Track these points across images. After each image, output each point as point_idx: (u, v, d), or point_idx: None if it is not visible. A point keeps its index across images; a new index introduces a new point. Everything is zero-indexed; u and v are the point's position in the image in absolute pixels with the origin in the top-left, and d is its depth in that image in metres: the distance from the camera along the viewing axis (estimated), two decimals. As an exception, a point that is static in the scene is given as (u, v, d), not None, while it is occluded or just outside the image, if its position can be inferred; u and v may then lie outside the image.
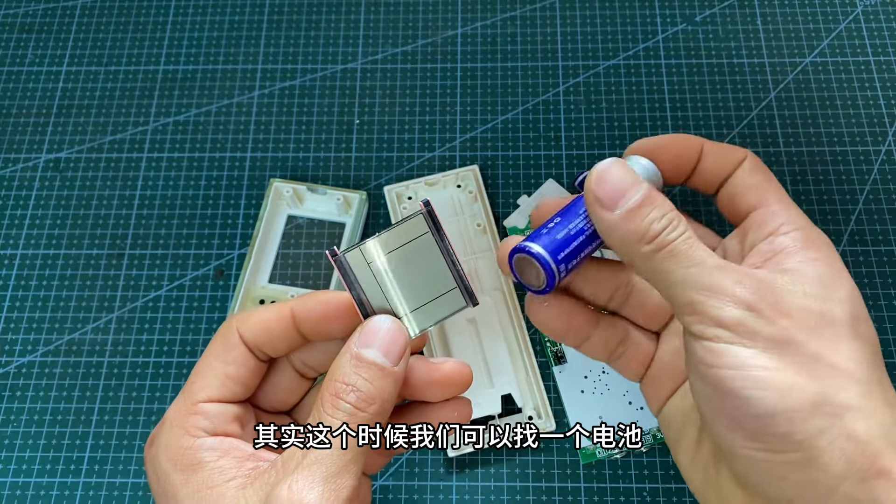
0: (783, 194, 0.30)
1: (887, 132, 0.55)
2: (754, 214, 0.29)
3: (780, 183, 0.31)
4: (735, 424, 0.25)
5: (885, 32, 0.58)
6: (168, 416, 0.28)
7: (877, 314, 0.49)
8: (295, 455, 0.25)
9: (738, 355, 0.24)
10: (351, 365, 0.26)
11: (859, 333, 0.26)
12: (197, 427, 0.27)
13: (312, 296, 0.29)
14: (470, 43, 0.59)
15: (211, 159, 0.55)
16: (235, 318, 0.29)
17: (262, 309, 0.29)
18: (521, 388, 0.47)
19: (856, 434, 0.23)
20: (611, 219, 0.27)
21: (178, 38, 0.60)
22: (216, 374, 0.28)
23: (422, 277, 0.28)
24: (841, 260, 0.28)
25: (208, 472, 0.25)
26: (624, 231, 0.27)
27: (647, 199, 0.27)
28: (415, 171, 0.54)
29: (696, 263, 0.26)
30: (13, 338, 0.50)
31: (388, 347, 0.27)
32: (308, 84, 0.58)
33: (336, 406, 0.26)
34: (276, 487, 0.24)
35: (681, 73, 0.57)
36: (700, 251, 0.26)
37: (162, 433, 0.27)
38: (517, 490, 0.45)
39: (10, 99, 0.58)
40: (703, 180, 0.32)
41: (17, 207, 0.54)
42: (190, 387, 0.28)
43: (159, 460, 0.26)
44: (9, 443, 0.47)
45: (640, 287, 0.32)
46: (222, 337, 0.29)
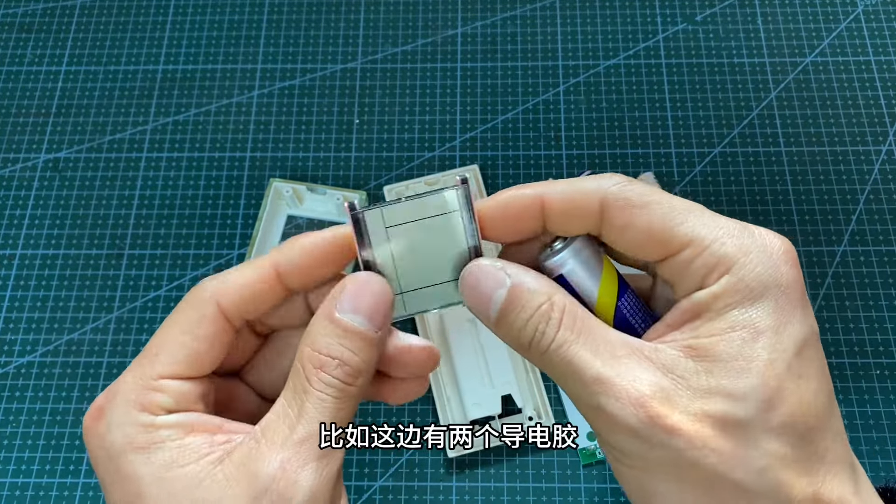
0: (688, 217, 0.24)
1: (888, 132, 0.55)
2: (668, 264, 0.24)
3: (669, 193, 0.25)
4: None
5: (886, 32, 0.58)
6: (120, 388, 0.24)
7: (877, 314, 0.49)
8: (279, 429, 0.23)
9: (636, 478, 0.23)
10: (334, 334, 0.24)
11: (770, 427, 0.22)
12: (157, 404, 0.24)
13: (293, 245, 0.25)
14: (470, 43, 0.59)
15: (210, 159, 0.55)
16: (210, 284, 0.25)
17: (238, 271, 0.25)
18: (522, 389, 0.47)
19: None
20: (490, 328, 0.25)
21: (177, 38, 0.60)
22: (185, 348, 0.25)
23: (434, 258, 0.25)
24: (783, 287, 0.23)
25: (175, 451, 0.23)
26: (504, 338, 0.25)
27: (508, 304, 0.24)
28: (415, 171, 0.54)
29: (576, 377, 0.23)
30: (12, 338, 0.50)
31: (373, 311, 0.24)
32: (308, 84, 0.58)
33: (322, 380, 0.24)
34: (261, 462, 0.23)
35: (681, 72, 0.57)
36: (578, 357, 0.23)
37: (114, 407, 0.24)
38: (517, 490, 0.45)
39: (9, 99, 0.58)
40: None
41: (17, 207, 0.54)
42: (150, 357, 0.25)
43: (111, 438, 0.24)
44: (8, 443, 0.47)
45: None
46: (195, 306, 0.25)
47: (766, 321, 0.23)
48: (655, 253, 0.24)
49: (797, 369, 0.23)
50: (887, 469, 0.45)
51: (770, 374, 0.22)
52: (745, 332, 0.23)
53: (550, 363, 0.24)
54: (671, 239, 0.24)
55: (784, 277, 0.23)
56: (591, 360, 0.23)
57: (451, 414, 0.46)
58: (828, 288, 0.50)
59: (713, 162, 0.54)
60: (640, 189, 0.24)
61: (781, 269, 0.23)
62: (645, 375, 0.23)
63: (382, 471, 0.46)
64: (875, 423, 0.47)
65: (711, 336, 0.23)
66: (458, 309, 0.27)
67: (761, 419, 0.22)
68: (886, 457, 0.46)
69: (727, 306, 0.23)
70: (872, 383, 0.48)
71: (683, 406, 0.22)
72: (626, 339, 0.24)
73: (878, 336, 0.49)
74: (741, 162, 0.54)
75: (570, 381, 0.24)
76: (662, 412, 0.22)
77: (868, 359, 0.48)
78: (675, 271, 0.24)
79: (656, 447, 0.22)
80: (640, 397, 0.22)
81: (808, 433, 0.22)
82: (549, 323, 0.24)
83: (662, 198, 0.24)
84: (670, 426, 0.22)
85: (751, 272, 0.23)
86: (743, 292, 0.23)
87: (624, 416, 0.22)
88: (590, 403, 0.23)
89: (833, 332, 0.49)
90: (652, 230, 0.24)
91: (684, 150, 0.54)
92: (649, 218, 0.24)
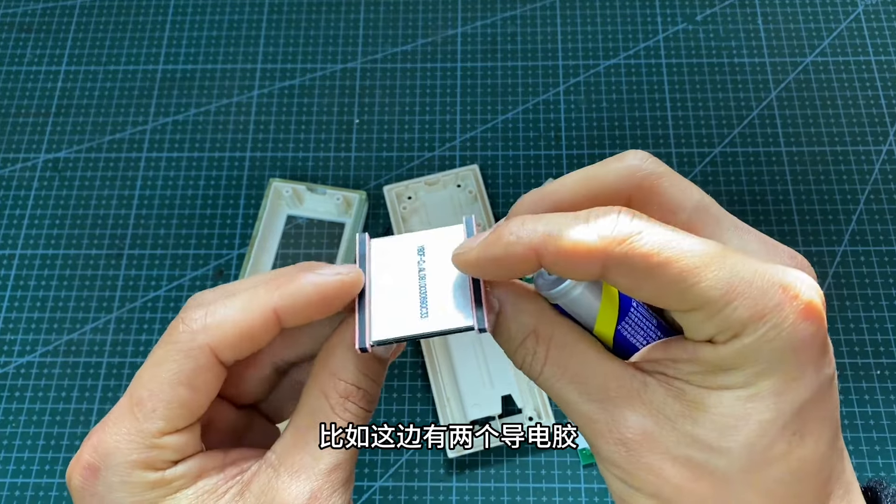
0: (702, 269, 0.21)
1: (888, 132, 0.54)
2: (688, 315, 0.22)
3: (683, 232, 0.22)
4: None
5: (886, 32, 0.58)
6: (115, 446, 0.23)
7: (877, 314, 0.49)
8: (300, 457, 0.24)
9: (622, 492, 0.23)
10: (356, 364, 0.24)
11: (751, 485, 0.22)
12: (162, 460, 0.23)
13: (294, 284, 0.24)
14: (470, 43, 0.59)
15: (210, 159, 0.55)
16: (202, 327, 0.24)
17: (234, 311, 0.24)
18: (522, 389, 0.47)
19: None
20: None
21: (176, 38, 0.60)
22: (182, 402, 0.23)
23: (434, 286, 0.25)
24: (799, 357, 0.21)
25: (192, 499, 0.23)
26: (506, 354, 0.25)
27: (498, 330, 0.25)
28: (415, 170, 0.54)
29: (565, 407, 0.24)
30: (12, 338, 0.50)
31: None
32: (307, 84, 0.58)
33: (349, 409, 0.24)
34: (285, 493, 0.23)
35: (681, 72, 0.57)
36: (564, 391, 0.23)
37: (112, 467, 0.23)
38: (517, 490, 0.45)
39: (8, 98, 0.58)
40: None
41: (16, 207, 0.54)
42: (145, 412, 0.23)
43: (114, 498, 0.23)
44: (8, 443, 0.47)
45: None
46: (188, 355, 0.23)
47: (769, 385, 0.22)
48: (664, 306, 0.23)
49: (793, 427, 0.22)
50: (887, 469, 0.45)
51: (760, 437, 0.21)
52: (741, 391, 0.22)
53: (542, 387, 0.24)
54: (680, 303, 0.22)
55: (800, 337, 0.21)
56: (577, 398, 0.23)
57: (451, 414, 0.46)
58: (828, 288, 0.50)
59: (713, 162, 0.54)
60: (648, 240, 0.21)
61: (799, 329, 0.21)
62: (632, 418, 0.23)
63: (382, 471, 0.46)
64: (875, 423, 0.47)
65: (706, 388, 0.22)
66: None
67: (743, 477, 0.22)
68: (886, 457, 0.46)
69: (733, 366, 0.22)
70: (872, 383, 0.48)
71: (667, 448, 0.22)
72: (618, 373, 0.23)
73: (878, 336, 0.49)
74: (741, 162, 0.54)
75: (561, 407, 0.24)
76: (643, 453, 0.22)
77: (868, 359, 0.48)
78: (685, 322, 0.23)
79: (638, 488, 0.23)
80: (622, 438, 0.22)
81: (799, 485, 0.22)
82: (534, 357, 0.24)
83: (674, 248, 0.21)
84: (653, 469, 0.22)
85: (763, 342, 0.21)
86: (750, 360, 0.22)
87: (608, 453, 0.23)
88: (581, 432, 0.24)
89: (833, 332, 0.49)
90: (659, 298, 0.22)
91: (684, 150, 0.54)
92: (657, 284, 0.21)
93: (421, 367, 0.48)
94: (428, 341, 0.48)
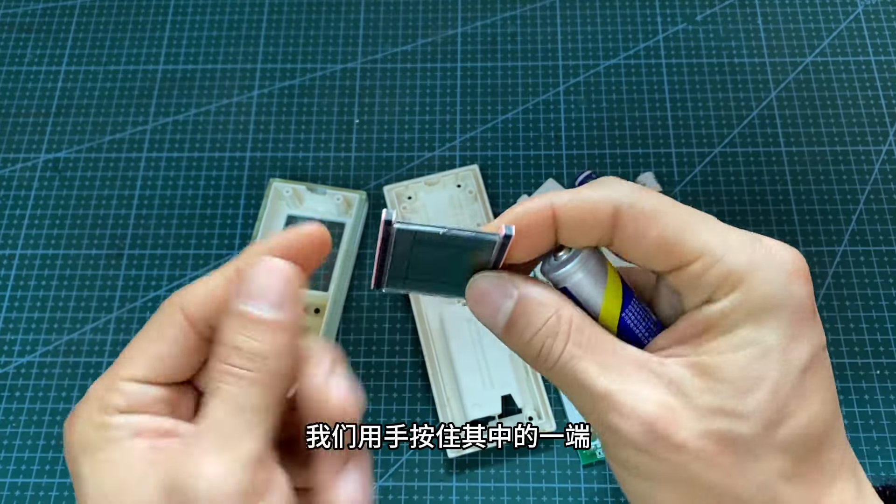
0: (700, 228, 0.24)
1: (888, 132, 0.55)
2: (678, 274, 0.24)
3: (683, 204, 0.25)
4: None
5: (886, 32, 0.58)
6: (91, 390, 0.25)
7: (877, 314, 0.49)
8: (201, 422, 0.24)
9: (641, 487, 0.24)
10: (235, 326, 0.24)
11: (773, 444, 0.23)
12: (113, 406, 0.24)
13: (256, 245, 0.26)
14: (470, 43, 0.59)
15: (210, 159, 0.55)
16: (177, 295, 0.26)
17: (203, 280, 0.26)
18: (521, 389, 0.47)
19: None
20: (499, 336, 0.25)
21: (177, 38, 0.60)
22: (144, 352, 0.25)
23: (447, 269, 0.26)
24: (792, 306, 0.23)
25: (115, 451, 0.24)
26: (512, 347, 0.25)
27: (515, 317, 0.24)
28: (415, 170, 0.54)
29: (584, 392, 0.24)
30: (12, 338, 0.50)
31: (271, 295, 0.24)
32: (307, 84, 0.58)
33: (221, 370, 0.24)
34: (177, 461, 0.23)
35: (681, 72, 0.57)
36: (586, 373, 0.23)
37: (82, 408, 0.25)
38: (517, 490, 0.45)
39: (8, 99, 0.58)
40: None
41: (16, 207, 0.54)
42: (116, 362, 0.26)
43: (74, 437, 0.24)
44: (8, 443, 0.47)
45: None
46: (160, 314, 0.26)
47: (774, 341, 0.23)
48: (666, 263, 0.24)
49: (802, 388, 0.23)
50: (887, 469, 0.45)
51: (775, 394, 0.23)
52: (752, 350, 0.23)
53: (558, 377, 0.24)
54: (683, 250, 0.24)
55: (795, 295, 0.23)
56: (598, 376, 0.23)
57: (451, 414, 0.46)
58: (828, 288, 0.50)
59: (713, 162, 0.54)
60: (652, 199, 0.24)
61: (792, 286, 0.23)
62: (652, 393, 0.23)
63: (382, 471, 0.46)
64: (875, 423, 0.47)
65: (719, 354, 0.23)
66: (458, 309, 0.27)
67: (764, 437, 0.22)
68: (886, 457, 0.46)
69: (735, 324, 0.23)
70: (872, 383, 0.48)
71: (688, 423, 0.23)
72: (634, 354, 0.24)
73: (878, 336, 0.49)
74: (741, 162, 0.54)
75: (577, 396, 0.24)
76: (668, 430, 0.23)
77: (868, 359, 0.48)
78: (685, 282, 0.24)
79: (662, 462, 0.23)
80: (646, 415, 0.23)
81: (812, 448, 0.23)
82: (556, 337, 0.24)
83: (674, 208, 0.24)
84: (675, 443, 0.22)
85: (761, 289, 0.23)
86: (752, 310, 0.23)
87: (631, 432, 0.23)
88: (598, 419, 0.24)
89: (833, 332, 0.49)
90: (664, 241, 0.24)
91: (684, 150, 0.54)
92: (662, 228, 0.24)
93: (421, 367, 0.48)
94: (428, 341, 0.48)
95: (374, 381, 0.48)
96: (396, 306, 0.50)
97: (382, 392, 0.48)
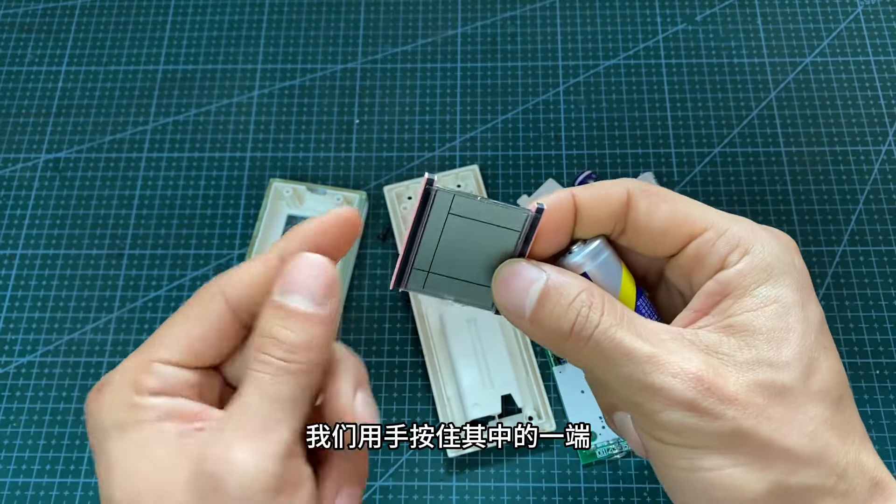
0: (704, 208, 0.26)
1: (888, 132, 0.55)
2: (690, 248, 0.26)
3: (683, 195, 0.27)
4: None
5: (886, 32, 0.58)
6: (119, 367, 0.25)
7: (877, 314, 0.49)
8: (234, 409, 0.24)
9: (685, 457, 0.24)
10: (274, 316, 0.25)
11: (812, 393, 0.24)
12: (145, 386, 0.25)
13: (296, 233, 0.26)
14: (470, 43, 0.59)
15: (210, 159, 0.55)
16: (220, 277, 0.26)
17: (246, 265, 0.26)
18: (521, 389, 0.47)
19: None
20: (524, 326, 0.26)
21: (177, 38, 0.60)
22: (185, 337, 0.25)
23: (474, 258, 0.26)
24: (797, 271, 0.25)
25: (146, 433, 0.24)
26: (540, 335, 0.25)
27: (546, 294, 0.25)
28: (415, 171, 0.54)
29: (626, 358, 0.24)
30: (13, 338, 0.50)
31: (311, 289, 0.25)
32: (308, 84, 0.58)
33: (259, 360, 0.24)
34: (208, 447, 0.23)
35: (681, 72, 0.57)
36: (627, 339, 0.24)
37: (112, 384, 0.25)
38: (517, 490, 0.45)
39: (9, 99, 0.58)
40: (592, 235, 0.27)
41: (17, 207, 0.54)
42: (150, 341, 0.26)
43: (102, 414, 0.25)
44: (9, 443, 0.47)
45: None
46: (201, 297, 0.26)
47: (793, 297, 0.25)
48: (676, 239, 0.26)
49: (823, 342, 0.25)
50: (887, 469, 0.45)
51: (805, 343, 0.24)
52: (776, 306, 0.24)
53: (595, 349, 0.24)
54: (693, 222, 0.26)
55: (796, 262, 0.25)
56: (640, 342, 0.24)
57: (451, 414, 0.46)
58: (828, 288, 0.50)
59: (713, 162, 0.54)
60: (658, 186, 0.27)
61: (793, 255, 0.26)
62: (693, 355, 0.24)
63: (382, 471, 0.46)
64: (875, 423, 0.47)
65: (746, 312, 0.24)
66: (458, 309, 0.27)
67: (804, 385, 0.24)
68: (886, 457, 0.46)
69: (754, 283, 0.25)
70: (872, 383, 0.48)
71: (735, 377, 0.24)
72: (665, 327, 0.25)
73: (878, 336, 0.49)
74: (741, 162, 0.54)
75: (618, 364, 0.24)
76: (719, 383, 0.23)
77: (868, 359, 0.48)
78: (695, 256, 0.26)
79: (714, 419, 0.23)
80: (696, 371, 0.23)
81: (840, 400, 0.24)
82: (591, 308, 0.25)
83: (679, 195, 0.27)
84: (728, 396, 0.23)
85: (770, 252, 0.25)
86: (767, 270, 0.25)
87: (682, 390, 0.23)
88: (642, 383, 0.24)
89: (833, 332, 0.49)
90: (675, 215, 0.26)
91: (684, 150, 0.54)
92: (672, 206, 0.26)
93: (421, 367, 0.48)
94: (428, 341, 0.48)
95: (374, 381, 0.48)
96: (396, 306, 0.50)
97: (382, 392, 0.48)
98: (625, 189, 0.26)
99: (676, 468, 0.24)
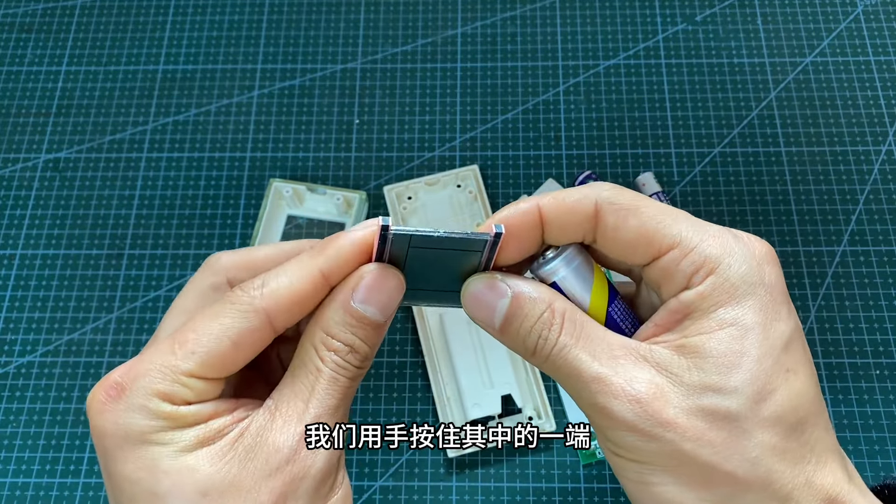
0: (676, 219, 0.25)
1: (888, 132, 0.55)
2: (658, 263, 0.25)
3: (654, 200, 0.26)
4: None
5: (886, 32, 0.58)
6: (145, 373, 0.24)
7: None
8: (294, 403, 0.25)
9: (635, 470, 0.24)
10: (347, 322, 0.25)
11: (761, 419, 0.23)
12: (181, 397, 0.24)
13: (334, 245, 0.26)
14: (470, 43, 0.59)
15: (210, 159, 0.55)
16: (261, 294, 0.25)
17: (288, 279, 0.25)
18: (521, 389, 0.47)
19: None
20: (495, 336, 0.26)
21: (177, 38, 0.60)
22: (223, 355, 0.25)
23: (442, 273, 0.27)
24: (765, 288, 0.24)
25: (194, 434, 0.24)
26: (508, 344, 0.26)
27: (512, 314, 0.25)
28: (415, 171, 0.54)
29: (576, 378, 0.24)
30: (13, 338, 0.50)
31: (385, 303, 0.26)
32: (308, 84, 0.58)
33: (336, 363, 0.25)
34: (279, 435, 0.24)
35: (681, 72, 0.57)
36: (578, 359, 0.24)
37: (136, 390, 0.24)
38: (517, 490, 0.45)
39: (9, 99, 0.58)
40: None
41: (17, 207, 0.54)
42: (185, 350, 0.25)
43: (130, 421, 0.24)
44: (9, 443, 0.47)
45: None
46: (245, 315, 0.25)
47: (753, 318, 0.24)
48: (645, 254, 0.25)
49: (785, 364, 0.24)
50: (887, 469, 0.45)
51: (759, 368, 0.23)
52: (733, 329, 0.24)
53: (553, 366, 0.25)
54: (660, 239, 0.25)
55: (767, 277, 0.25)
56: (591, 362, 0.24)
57: (451, 414, 0.46)
58: (828, 288, 0.50)
59: (713, 162, 0.54)
60: (630, 195, 0.26)
61: (764, 269, 0.25)
62: (641, 374, 0.24)
63: (382, 471, 0.46)
64: (875, 423, 0.47)
65: (700, 334, 0.24)
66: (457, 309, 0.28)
67: (752, 412, 0.23)
68: (886, 457, 0.46)
69: (714, 305, 0.24)
70: (872, 383, 0.48)
71: (677, 401, 0.23)
72: (622, 341, 0.25)
73: (878, 336, 0.49)
74: (741, 162, 0.54)
75: (571, 382, 0.25)
76: (658, 408, 0.23)
77: (868, 359, 0.48)
78: (663, 272, 0.25)
79: (653, 440, 0.23)
80: (636, 395, 0.23)
81: (799, 424, 0.24)
82: (551, 329, 0.25)
83: (650, 203, 0.26)
84: (665, 420, 0.23)
85: (736, 272, 0.24)
86: (729, 291, 0.24)
87: (622, 412, 0.23)
88: (590, 402, 0.24)
89: (833, 332, 0.49)
90: (642, 231, 0.25)
91: (684, 150, 0.54)
92: (640, 220, 0.25)
93: (421, 367, 0.48)
94: (428, 341, 0.48)
95: (374, 381, 0.48)
96: (396, 306, 0.50)
97: (382, 392, 0.48)
98: (592, 202, 0.25)
99: (628, 479, 0.25)
